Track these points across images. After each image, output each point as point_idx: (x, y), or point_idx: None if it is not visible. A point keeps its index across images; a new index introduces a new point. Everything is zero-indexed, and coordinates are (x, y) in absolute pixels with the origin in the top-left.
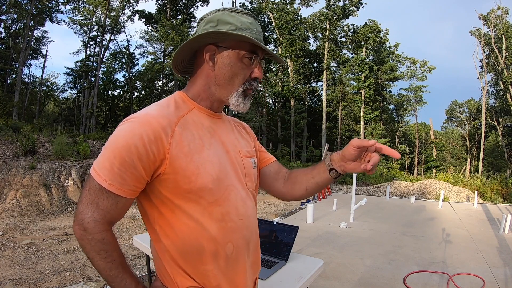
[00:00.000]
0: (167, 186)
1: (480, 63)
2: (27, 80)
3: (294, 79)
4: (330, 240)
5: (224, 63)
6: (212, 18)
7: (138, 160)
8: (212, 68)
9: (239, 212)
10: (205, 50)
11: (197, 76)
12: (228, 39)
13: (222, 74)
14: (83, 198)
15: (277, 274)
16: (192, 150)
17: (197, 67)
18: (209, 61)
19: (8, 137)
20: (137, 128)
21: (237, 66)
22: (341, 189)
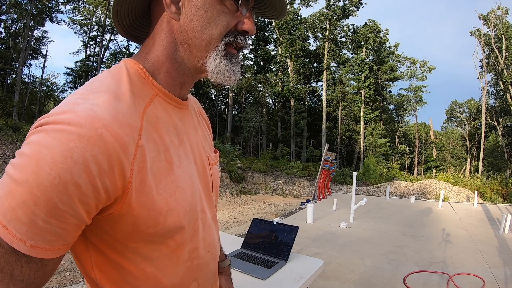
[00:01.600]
0: (119, 229)
1: (480, 63)
2: (27, 80)
3: (294, 79)
4: (330, 240)
5: (196, 5)
6: None
7: (81, 204)
8: (176, 16)
9: (207, 244)
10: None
11: (154, 35)
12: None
13: (191, 23)
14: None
15: (277, 274)
16: (158, 175)
17: (155, 20)
18: (170, 6)
19: (8, 137)
20: (77, 150)
21: (216, 9)
22: (341, 189)
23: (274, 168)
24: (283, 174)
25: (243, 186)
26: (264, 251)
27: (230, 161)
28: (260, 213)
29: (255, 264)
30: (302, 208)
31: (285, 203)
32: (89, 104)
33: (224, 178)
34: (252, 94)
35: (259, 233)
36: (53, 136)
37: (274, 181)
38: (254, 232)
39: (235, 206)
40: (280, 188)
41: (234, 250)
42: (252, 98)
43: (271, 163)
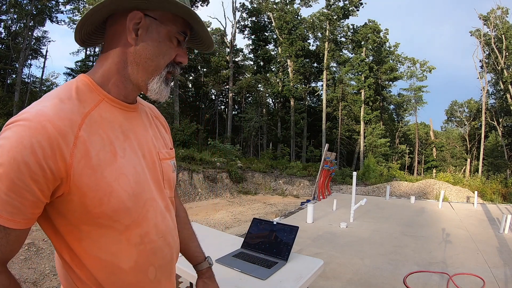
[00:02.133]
0: (71, 210)
1: (480, 63)
2: (27, 80)
3: (294, 79)
4: (330, 240)
5: (152, 38)
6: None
7: (32, 181)
8: (133, 41)
9: (159, 230)
10: (129, 16)
11: (109, 52)
12: (162, 9)
13: (145, 51)
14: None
15: (277, 274)
16: (102, 162)
17: (109, 38)
18: (131, 32)
19: None
20: (26, 137)
21: (166, 44)
22: (341, 189)
23: (274, 168)
24: (283, 174)
25: (243, 186)
26: (264, 251)
27: (230, 161)
28: (260, 213)
29: (255, 264)
30: (302, 208)
31: (285, 203)
32: (40, 106)
33: (224, 178)
34: (252, 94)
35: (259, 233)
36: (13, 130)
37: (274, 181)
38: (254, 232)
39: (235, 206)
40: (280, 188)
41: (234, 250)
42: (252, 98)
43: (271, 163)
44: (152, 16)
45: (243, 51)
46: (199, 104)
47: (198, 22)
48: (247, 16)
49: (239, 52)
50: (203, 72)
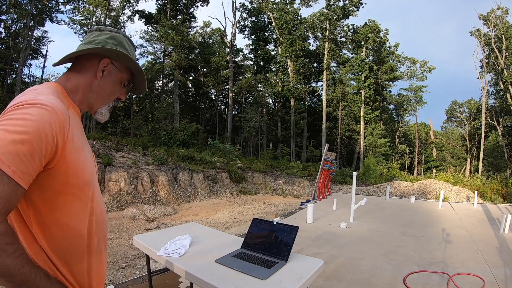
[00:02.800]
0: (52, 182)
1: (480, 63)
2: (27, 80)
3: (294, 79)
4: (330, 240)
5: (111, 79)
6: (116, 36)
7: (44, 149)
8: (99, 77)
9: (101, 207)
10: (102, 61)
11: (80, 74)
12: (121, 62)
13: (105, 87)
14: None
15: (277, 274)
16: (79, 147)
17: (82, 66)
18: (99, 71)
19: None
20: (47, 116)
21: (118, 86)
22: (341, 189)
23: (274, 168)
24: (283, 174)
25: (243, 186)
26: (264, 251)
27: (230, 161)
28: (260, 213)
29: (255, 264)
30: (302, 208)
31: (285, 203)
32: (45, 97)
33: (224, 178)
34: (252, 94)
35: (259, 233)
36: (35, 110)
37: (274, 181)
38: (254, 232)
39: (235, 206)
40: (280, 188)
41: (234, 250)
42: (252, 98)
43: (271, 163)
44: (115, 65)
45: (243, 51)
46: (199, 104)
47: (142, 78)
48: (247, 16)
49: (239, 52)
50: (203, 72)
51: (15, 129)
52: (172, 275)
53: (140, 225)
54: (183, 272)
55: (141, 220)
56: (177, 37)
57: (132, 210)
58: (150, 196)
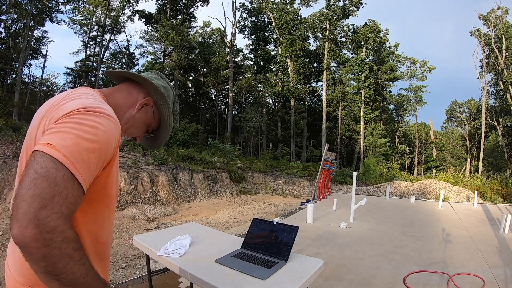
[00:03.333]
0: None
1: (480, 63)
2: (27, 80)
3: (294, 79)
4: (330, 240)
5: (144, 118)
6: (169, 89)
7: (105, 157)
8: (136, 110)
9: (113, 218)
10: (147, 99)
11: (124, 96)
12: (160, 111)
13: (136, 121)
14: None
15: (277, 274)
16: (116, 161)
17: (129, 90)
18: (136, 104)
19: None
20: (113, 128)
21: (144, 127)
22: (341, 189)
23: (274, 168)
24: (283, 174)
25: (243, 186)
26: (264, 251)
27: (230, 161)
28: (260, 213)
29: (255, 264)
30: (302, 208)
31: (285, 203)
32: (108, 108)
33: (224, 178)
34: (252, 94)
35: (259, 233)
36: (106, 120)
37: (274, 181)
38: (254, 232)
39: (235, 206)
40: (280, 188)
41: (234, 250)
42: (252, 98)
43: (271, 163)
44: (154, 109)
45: (243, 51)
46: (199, 104)
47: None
48: (247, 16)
49: (239, 52)
50: (203, 72)
51: (88, 137)
52: (172, 275)
53: (140, 225)
54: (183, 272)
55: (141, 220)
56: (177, 37)
57: (132, 210)
58: (150, 196)
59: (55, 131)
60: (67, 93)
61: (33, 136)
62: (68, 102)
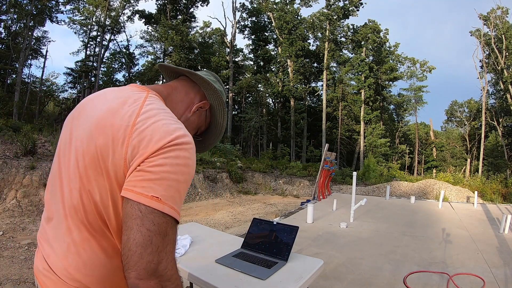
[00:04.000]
0: None
1: (480, 63)
2: (27, 80)
3: (294, 79)
4: (330, 240)
5: (197, 121)
6: (224, 94)
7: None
8: (191, 112)
9: None
10: (203, 102)
11: (182, 97)
12: (215, 113)
13: (189, 123)
14: (155, 243)
15: (277, 274)
16: None
17: (186, 91)
18: (195, 108)
19: (8, 137)
20: (193, 157)
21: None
22: (341, 189)
23: (274, 168)
24: (283, 174)
25: (243, 186)
26: (264, 251)
27: (230, 161)
28: (260, 213)
29: (255, 264)
30: (302, 208)
31: (285, 203)
32: (185, 130)
33: (224, 178)
34: (252, 94)
35: (259, 233)
36: (189, 152)
37: (274, 181)
38: (254, 232)
39: (235, 206)
40: (280, 188)
41: (234, 250)
42: (252, 98)
43: (271, 163)
44: (207, 114)
45: (243, 51)
46: None
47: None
48: (247, 16)
49: (239, 52)
50: None
51: (184, 178)
52: None
53: None
54: (183, 272)
55: None
56: (177, 37)
57: None
58: None
59: (155, 178)
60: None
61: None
62: (150, 127)
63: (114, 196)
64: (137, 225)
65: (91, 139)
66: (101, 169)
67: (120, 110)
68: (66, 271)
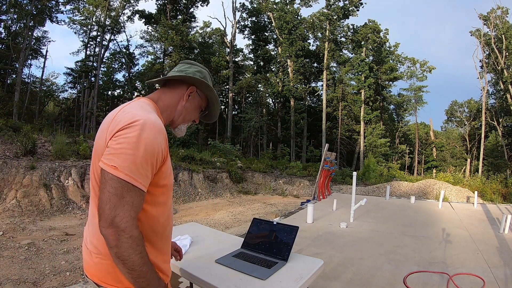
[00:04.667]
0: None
1: (480, 63)
2: (27, 80)
3: (294, 79)
4: (330, 240)
5: (194, 103)
6: (203, 71)
7: (156, 161)
8: (184, 101)
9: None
10: (190, 88)
11: (170, 95)
12: (203, 91)
13: (188, 109)
14: (113, 201)
15: (277, 274)
16: (169, 159)
17: (172, 89)
18: (187, 96)
19: (8, 137)
20: (158, 135)
21: (197, 110)
22: (341, 189)
23: (274, 168)
24: (283, 174)
25: (243, 186)
26: (264, 251)
27: (230, 161)
28: (260, 213)
29: (255, 264)
30: (302, 208)
31: (285, 203)
32: (152, 116)
33: (224, 178)
34: (252, 94)
35: (259, 233)
36: (149, 131)
37: (274, 181)
38: (254, 232)
39: (235, 206)
40: (280, 188)
41: (234, 250)
42: (252, 98)
43: (271, 163)
44: (199, 93)
45: (243, 51)
46: None
47: (217, 108)
48: (247, 16)
49: (239, 52)
50: None
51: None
52: (172, 275)
53: None
54: (183, 272)
55: None
56: (177, 37)
57: None
58: None
59: (115, 153)
60: (124, 105)
61: (101, 143)
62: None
63: None
64: (103, 187)
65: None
66: (98, 156)
67: (116, 110)
68: (88, 239)
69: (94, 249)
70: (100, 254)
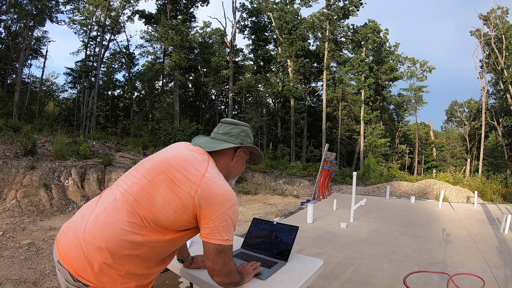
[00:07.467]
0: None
1: (480, 63)
2: (27, 80)
3: (294, 79)
4: (330, 240)
5: (241, 161)
6: (245, 130)
7: None
8: (233, 161)
9: None
10: (238, 151)
11: (224, 158)
12: (249, 149)
13: (237, 166)
14: (226, 264)
15: (277, 274)
16: None
17: (225, 154)
18: (235, 157)
19: (8, 137)
20: (236, 201)
21: (244, 164)
22: (341, 189)
23: (274, 168)
24: (283, 174)
25: (243, 186)
26: (264, 251)
27: None
28: (260, 213)
29: None
30: (302, 208)
31: (285, 203)
32: (229, 187)
33: None
34: (252, 94)
35: (259, 233)
36: (234, 203)
37: (274, 181)
38: (254, 232)
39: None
40: (280, 188)
41: (234, 250)
42: (252, 98)
43: (271, 163)
44: (244, 151)
45: (243, 51)
46: (199, 104)
47: (260, 157)
48: (247, 16)
49: (239, 52)
50: (203, 72)
51: (235, 217)
52: (172, 275)
53: None
54: (183, 272)
55: None
56: (177, 37)
57: None
58: None
59: (223, 225)
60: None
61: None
62: (214, 185)
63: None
64: (216, 254)
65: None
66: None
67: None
68: (89, 234)
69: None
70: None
